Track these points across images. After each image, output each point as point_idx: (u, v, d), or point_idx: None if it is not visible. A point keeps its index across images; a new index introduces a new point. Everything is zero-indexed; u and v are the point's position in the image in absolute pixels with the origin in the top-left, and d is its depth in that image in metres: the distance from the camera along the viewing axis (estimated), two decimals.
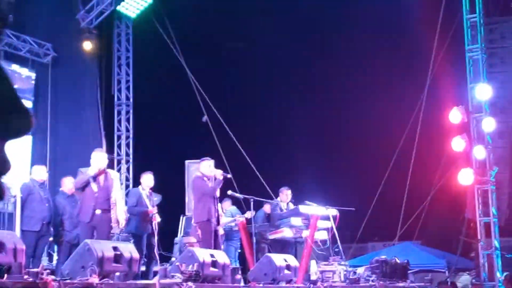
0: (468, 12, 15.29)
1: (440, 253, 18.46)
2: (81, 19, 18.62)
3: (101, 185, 10.38)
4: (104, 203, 10.35)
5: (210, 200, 11.27)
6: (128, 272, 8.79)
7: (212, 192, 11.22)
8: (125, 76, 19.87)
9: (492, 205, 14.70)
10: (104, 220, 10.35)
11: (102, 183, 10.41)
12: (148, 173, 12.08)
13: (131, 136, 19.75)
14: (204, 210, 11.13)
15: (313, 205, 12.42)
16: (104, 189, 10.39)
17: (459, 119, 14.97)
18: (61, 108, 17.97)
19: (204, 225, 11.18)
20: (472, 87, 15.15)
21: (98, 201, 10.24)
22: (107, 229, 10.42)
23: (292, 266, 11.30)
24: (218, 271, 9.98)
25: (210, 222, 11.12)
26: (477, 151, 14.81)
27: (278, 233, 12.85)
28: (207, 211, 11.12)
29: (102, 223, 10.30)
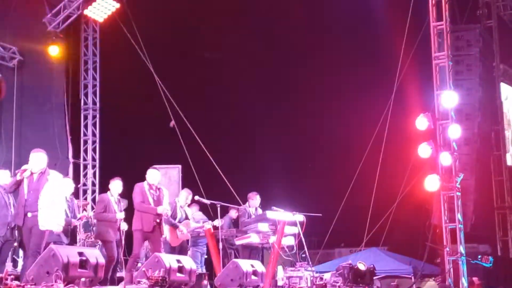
0: (435, 20, 15.40)
1: (406, 259, 18.57)
2: (47, 22, 18.46)
3: (32, 187, 9.85)
4: (33, 205, 9.69)
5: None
6: (93, 277, 8.70)
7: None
8: (92, 80, 19.73)
9: (458, 211, 14.81)
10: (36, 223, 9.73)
11: (33, 185, 9.90)
12: (117, 179, 12.08)
13: (98, 141, 19.61)
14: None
15: (280, 211, 12.40)
16: (34, 191, 9.79)
17: (425, 126, 15.05)
18: (27, 112, 17.79)
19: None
20: (438, 94, 15.26)
21: (27, 203, 9.72)
22: (38, 231, 9.77)
23: (259, 271, 11.28)
24: (184, 276, 9.94)
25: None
26: (443, 158, 14.91)
27: (245, 238, 12.81)
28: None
29: (35, 226, 9.85)
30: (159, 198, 11.23)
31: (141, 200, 11.14)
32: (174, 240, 12.27)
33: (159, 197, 11.24)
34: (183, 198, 12.66)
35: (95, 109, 19.72)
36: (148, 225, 11.01)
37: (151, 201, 11.13)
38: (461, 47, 17.66)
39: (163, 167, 17.11)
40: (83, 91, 19.68)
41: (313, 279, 12.06)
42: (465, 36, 17.81)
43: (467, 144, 17.30)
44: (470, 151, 17.66)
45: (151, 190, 11.24)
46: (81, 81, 19.69)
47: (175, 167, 17.30)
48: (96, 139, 19.61)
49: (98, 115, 19.72)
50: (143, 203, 11.10)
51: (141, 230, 11.00)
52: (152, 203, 11.11)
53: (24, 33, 18.09)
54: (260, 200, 13.79)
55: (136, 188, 11.36)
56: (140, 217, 11.08)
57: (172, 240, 12.26)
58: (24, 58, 17.90)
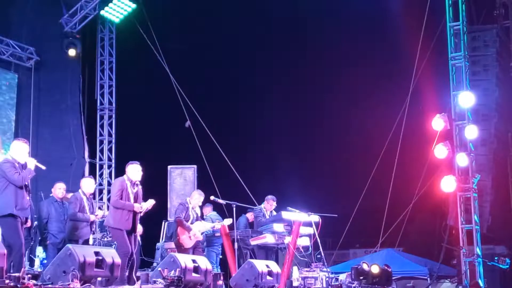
0: (452, 20, 15.35)
1: (422, 260, 18.48)
2: (64, 23, 18.54)
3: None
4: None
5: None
6: (110, 277, 8.73)
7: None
8: (108, 81, 19.79)
9: (474, 213, 14.75)
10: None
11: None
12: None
13: (113, 141, 19.67)
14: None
15: (295, 212, 12.41)
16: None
17: (441, 127, 15.01)
18: (43, 112, 17.89)
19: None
20: (455, 95, 15.21)
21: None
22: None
23: (274, 272, 11.28)
24: (200, 276, 9.94)
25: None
26: (460, 159, 14.86)
27: (260, 239, 12.82)
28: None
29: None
30: (138, 195, 10.57)
31: (119, 196, 10.40)
32: (187, 242, 12.25)
33: (138, 193, 10.59)
34: (195, 199, 12.62)
35: (111, 109, 19.78)
36: (126, 223, 10.32)
37: (132, 198, 10.43)
38: (478, 47, 17.61)
39: (178, 167, 17.18)
40: (99, 91, 19.74)
41: (328, 280, 12.05)
42: (482, 37, 17.77)
43: (483, 144, 17.25)
44: (487, 151, 17.61)
45: (131, 187, 10.52)
46: (97, 81, 19.75)
47: (190, 167, 17.32)
48: (112, 139, 19.67)
49: (114, 115, 19.78)
50: (121, 199, 10.37)
51: (118, 228, 10.30)
52: (132, 200, 10.41)
53: (41, 34, 18.19)
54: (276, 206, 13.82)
55: (116, 182, 10.81)
56: (117, 214, 10.40)
57: (185, 242, 12.24)
58: (41, 59, 17.98)
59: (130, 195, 10.41)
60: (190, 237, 12.23)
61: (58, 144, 18.11)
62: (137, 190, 10.54)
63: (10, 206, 9.18)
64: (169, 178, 17.03)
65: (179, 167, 17.19)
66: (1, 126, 16.83)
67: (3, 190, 9.16)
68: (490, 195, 17.63)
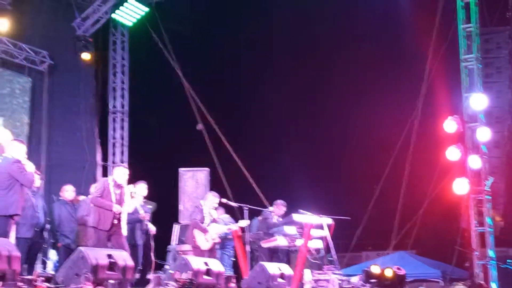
0: (464, 22, 15.29)
1: (434, 263, 18.42)
2: (77, 27, 18.63)
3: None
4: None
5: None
6: (122, 280, 8.76)
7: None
8: (120, 84, 19.87)
9: (487, 215, 14.69)
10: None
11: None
12: (142, 182, 12.03)
13: (126, 144, 19.73)
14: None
15: (307, 214, 12.40)
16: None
17: (454, 129, 14.95)
18: (56, 116, 17.96)
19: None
20: (467, 97, 15.14)
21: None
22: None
23: (286, 274, 11.28)
24: (212, 279, 9.96)
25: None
26: (472, 161, 14.80)
27: (272, 241, 12.83)
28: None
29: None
30: (122, 197, 10.49)
31: (99, 195, 10.40)
32: (204, 244, 12.25)
33: (121, 196, 10.51)
34: (210, 201, 12.62)
35: (124, 112, 19.86)
36: (105, 223, 10.27)
37: (113, 199, 10.38)
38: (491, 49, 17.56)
39: (190, 170, 17.20)
40: (112, 94, 19.82)
41: (340, 282, 12.04)
42: (495, 39, 17.71)
43: (497, 147, 17.19)
44: (500, 154, 17.54)
45: (116, 189, 10.47)
46: (110, 85, 19.85)
47: (202, 170, 17.33)
48: (124, 142, 19.74)
49: (126, 118, 19.84)
50: (101, 197, 10.37)
51: (97, 228, 10.30)
52: (114, 201, 10.37)
53: (54, 37, 18.27)
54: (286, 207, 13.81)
55: (99, 181, 10.99)
56: (96, 213, 10.39)
57: (202, 243, 12.24)
58: (54, 62, 18.07)
59: (112, 195, 10.39)
60: (206, 239, 12.23)
61: (71, 147, 18.20)
62: (120, 192, 10.51)
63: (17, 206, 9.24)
64: (181, 180, 17.05)
65: (191, 170, 17.20)
66: (14, 129, 16.90)
67: (10, 189, 9.20)
68: (503, 197, 17.55)
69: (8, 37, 17.04)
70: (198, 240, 12.19)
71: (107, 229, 10.29)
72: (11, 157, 9.43)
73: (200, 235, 12.21)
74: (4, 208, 9.13)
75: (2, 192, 9.18)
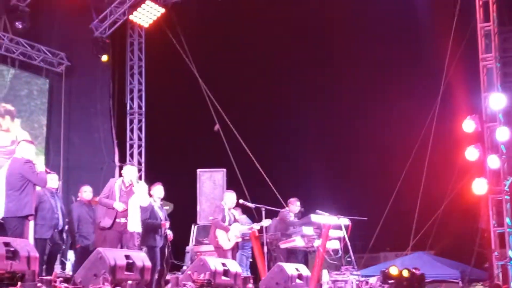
0: (482, 21, 15.20)
1: (453, 264, 18.32)
2: (94, 28, 18.70)
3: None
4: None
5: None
6: (140, 280, 8.76)
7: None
8: (137, 85, 19.92)
9: (506, 215, 14.59)
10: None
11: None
12: (158, 184, 11.98)
13: (143, 145, 19.77)
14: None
15: (325, 215, 12.37)
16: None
17: (472, 129, 14.88)
18: (74, 117, 18.05)
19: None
20: (486, 96, 15.05)
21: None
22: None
23: (304, 275, 11.24)
24: (229, 280, 9.93)
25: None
26: (491, 161, 14.71)
27: (289, 242, 12.80)
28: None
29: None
30: (129, 196, 10.48)
31: (105, 195, 10.54)
32: (226, 243, 12.24)
33: (129, 194, 10.50)
34: (230, 200, 12.60)
35: (141, 113, 19.90)
36: (107, 221, 10.40)
37: (117, 197, 10.42)
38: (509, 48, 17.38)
39: (207, 170, 17.22)
40: (129, 96, 19.88)
41: (358, 283, 11.99)
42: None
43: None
44: None
45: (124, 187, 10.52)
46: (127, 86, 19.89)
47: (219, 170, 17.33)
48: (142, 143, 19.78)
49: (143, 119, 19.89)
50: (107, 198, 10.47)
51: (101, 225, 10.49)
52: (117, 199, 10.40)
53: (71, 39, 18.36)
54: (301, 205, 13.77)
55: (108, 182, 10.98)
56: (102, 212, 10.63)
57: (224, 243, 12.23)
58: (71, 64, 18.14)
59: (116, 194, 10.43)
60: (228, 239, 12.22)
61: (89, 148, 18.26)
62: (129, 190, 10.51)
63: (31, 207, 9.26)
64: (198, 181, 17.05)
65: (208, 171, 17.21)
66: (32, 131, 17.01)
67: (23, 190, 9.21)
68: None
69: (26, 39, 17.14)
70: (220, 240, 12.19)
71: (108, 226, 10.38)
72: (21, 157, 9.42)
73: (222, 235, 12.20)
74: (18, 210, 9.16)
75: (15, 193, 9.20)
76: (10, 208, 9.18)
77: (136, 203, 10.47)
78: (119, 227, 10.36)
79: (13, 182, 9.23)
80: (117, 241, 10.45)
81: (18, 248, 7.53)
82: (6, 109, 16.66)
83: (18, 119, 16.83)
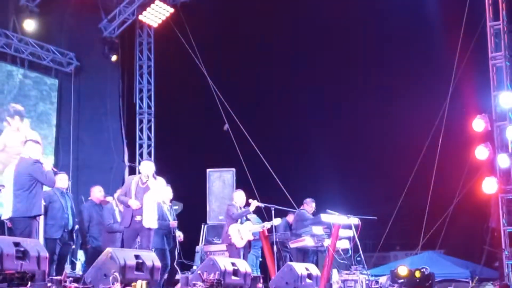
0: (491, 20, 15.17)
1: (463, 263, 18.26)
2: (103, 28, 18.74)
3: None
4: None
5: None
6: (150, 280, 8.77)
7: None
8: (146, 85, 19.95)
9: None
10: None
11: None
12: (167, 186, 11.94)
13: (153, 145, 19.80)
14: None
15: (335, 214, 12.36)
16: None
17: (482, 128, 14.85)
18: (84, 117, 18.08)
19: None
20: (495, 95, 15.02)
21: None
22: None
23: (314, 275, 11.24)
24: (239, 279, 9.95)
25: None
26: (501, 160, 14.68)
27: (299, 241, 12.80)
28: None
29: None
30: (145, 192, 10.41)
31: (123, 193, 10.55)
32: (239, 242, 12.23)
33: (145, 190, 10.41)
34: (241, 198, 12.60)
35: (150, 113, 19.93)
36: (126, 220, 10.39)
37: (133, 194, 10.36)
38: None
39: (217, 170, 17.23)
40: (138, 95, 19.91)
41: (368, 283, 11.98)
42: None
43: None
44: None
45: (141, 184, 10.46)
46: (136, 86, 19.92)
47: (229, 170, 17.34)
48: (151, 143, 19.81)
49: (153, 119, 19.92)
50: (124, 195, 10.46)
51: (123, 226, 10.52)
52: (133, 197, 10.35)
53: (80, 39, 18.39)
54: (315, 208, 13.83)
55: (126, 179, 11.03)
56: (123, 212, 10.68)
57: (237, 241, 12.21)
58: (81, 64, 18.18)
59: (132, 191, 10.38)
60: (241, 238, 12.23)
61: (98, 148, 18.30)
62: (145, 187, 10.44)
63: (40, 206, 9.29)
64: (208, 181, 17.07)
65: (218, 171, 17.22)
66: (42, 131, 17.05)
67: (32, 190, 9.22)
68: None
69: (35, 39, 17.18)
70: (233, 238, 12.17)
71: (127, 225, 10.37)
72: (28, 157, 9.43)
73: (236, 234, 12.17)
74: (27, 210, 9.18)
75: (24, 194, 9.21)
76: (19, 208, 9.21)
77: (152, 199, 10.42)
78: (135, 225, 10.33)
79: (22, 182, 9.25)
80: (132, 240, 10.47)
81: (28, 248, 7.57)
82: (15, 109, 16.71)
83: (28, 119, 16.87)
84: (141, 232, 10.37)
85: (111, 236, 11.47)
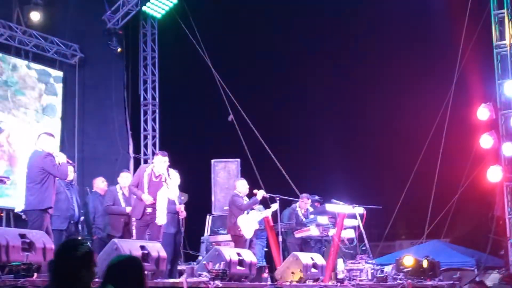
0: (496, 8, 15.13)
1: (468, 251, 18.29)
2: (107, 19, 18.72)
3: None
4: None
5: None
6: (155, 271, 8.80)
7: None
8: (151, 76, 19.94)
9: None
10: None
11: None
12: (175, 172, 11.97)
13: (157, 136, 19.81)
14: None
15: (340, 204, 12.38)
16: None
17: (487, 116, 14.84)
18: (88, 109, 18.08)
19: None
20: (500, 84, 15.00)
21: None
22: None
23: (319, 264, 11.27)
24: (245, 269, 9.97)
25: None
26: (506, 148, 14.67)
27: (304, 231, 12.83)
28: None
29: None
30: (158, 187, 10.35)
31: (134, 183, 10.57)
32: (248, 232, 12.18)
33: (158, 185, 10.36)
34: (244, 187, 12.57)
35: (155, 104, 19.92)
36: (137, 212, 10.40)
37: (146, 188, 10.31)
38: None
39: (222, 161, 17.23)
40: (143, 87, 19.89)
41: (373, 272, 12.00)
42: None
43: None
44: None
45: (153, 177, 10.38)
46: (141, 77, 19.91)
47: (234, 161, 17.34)
48: (156, 134, 19.81)
49: (157, 110, 19.92)
50: (135, 187, 10.43)
51: (135, 217, 10.59)
52: (146, 191, 10.29)
53: (84, 31, 18.37)
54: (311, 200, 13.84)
55: (138, 169, 10.98)
56: (133, 202, 10.73)
57: (246, 232, 12.17)
58: (85, 55, 18.17)
59: (144, 184, 10.34)
60: (249, 228, 12.21)
61: (103, 140, 18.29)
62: (159, 180, 10.41)
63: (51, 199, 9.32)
64: (213, 172, 17.08)
65: (223, 161, 17.22)
66: (46, 123, 17.06)
67: (43, 183, 9.25)
68: None
69: (39, 31, 17.18)
70: (243, 229, 12.09)
71: (138, 218, 10.40)
72: (41, 150, 9.45)
73: (245, 225, 12.12)
74: (39, 203, 9.21)
75: (36, 187, 9.25)
76: (31, 201, 9.27)
77: (165, 196, 10.43)
78: (146, 217, 10.36)
79: (34, 175, 9.29)
80: (143, 231, 10.52)
81: (34, 240, 7.61)
82: (20, 101, 16.72)
83: (33, 111, 16.88)
84: (151, 224, 10.39)
85: (114, 219, 11.52)
